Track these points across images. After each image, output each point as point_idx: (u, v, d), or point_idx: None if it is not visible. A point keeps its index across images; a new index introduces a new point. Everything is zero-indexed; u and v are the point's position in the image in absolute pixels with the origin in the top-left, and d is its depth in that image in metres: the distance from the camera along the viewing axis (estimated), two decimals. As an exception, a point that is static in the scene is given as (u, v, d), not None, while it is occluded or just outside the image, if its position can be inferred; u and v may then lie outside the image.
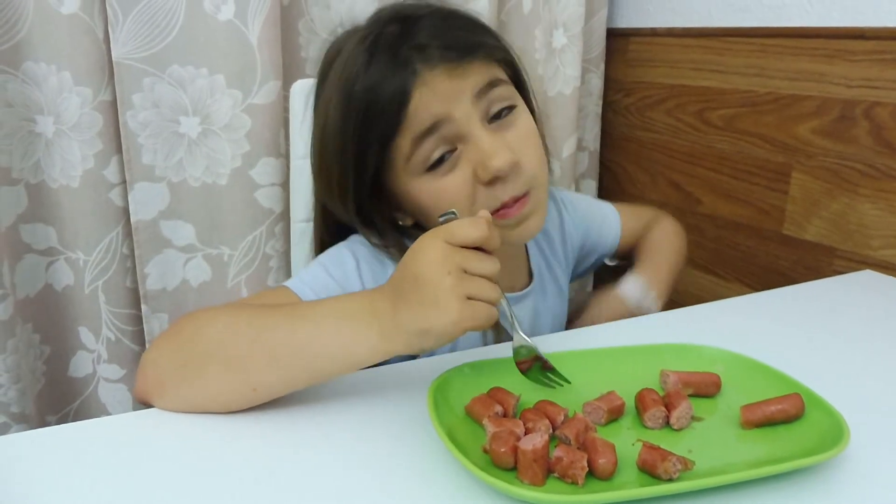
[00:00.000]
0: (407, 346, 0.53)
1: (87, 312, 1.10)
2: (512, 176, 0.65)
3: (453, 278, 0.50)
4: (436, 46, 0.64)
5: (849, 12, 1.03)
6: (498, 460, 0.48)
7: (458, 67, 0.64)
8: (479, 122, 0.65)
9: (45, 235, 1.07)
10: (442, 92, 0.63)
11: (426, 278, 0.50)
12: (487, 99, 0.66)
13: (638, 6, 1.38)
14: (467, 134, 0.65)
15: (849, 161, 1.04)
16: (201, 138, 1.08)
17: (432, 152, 0.65)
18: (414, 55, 0.63)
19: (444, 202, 0.66)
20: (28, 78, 0.99)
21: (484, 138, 0.64)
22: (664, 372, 0.60)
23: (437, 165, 0.66)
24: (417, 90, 0.63)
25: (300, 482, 0.49)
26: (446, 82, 0.63)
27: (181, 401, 0.57)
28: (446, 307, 0.50)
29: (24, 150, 1.02)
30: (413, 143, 0.65)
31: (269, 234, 1.16)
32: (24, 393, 1.05)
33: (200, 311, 0.60)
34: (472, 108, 0.65)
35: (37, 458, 0.51)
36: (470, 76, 0.64)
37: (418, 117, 0.64)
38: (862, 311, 0.83)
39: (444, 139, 0.65)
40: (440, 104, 0.63)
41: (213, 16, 1.04)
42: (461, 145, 0.65)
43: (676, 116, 1.32)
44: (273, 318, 0.57)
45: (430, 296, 0.50)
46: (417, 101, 0.63)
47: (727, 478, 0.46)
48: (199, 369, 0.57)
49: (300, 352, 0.55)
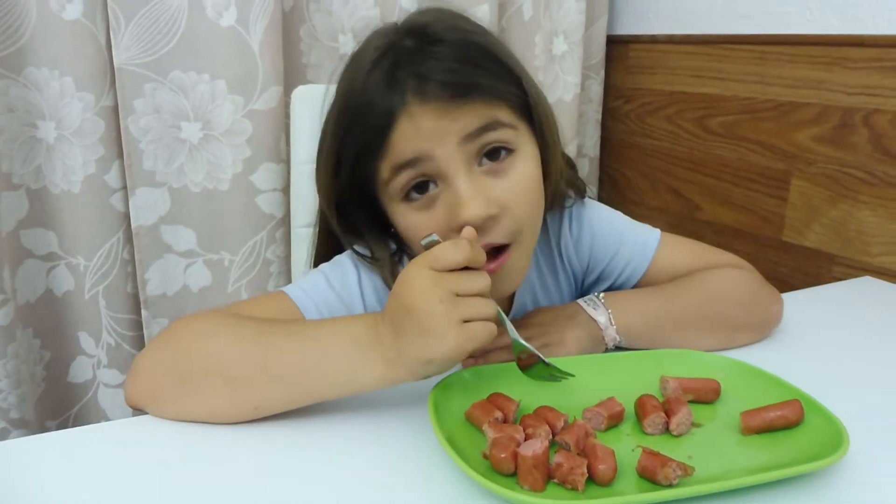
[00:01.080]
0: (412, 375, 0.53)
1: (88, 318, 1.11)
2: (490, 225, 0.61)
3: (445, 305, 0.50)
4: (435, 81, 0.59)
5: (848, 20, 1.03)
6: (498, 466, 0.48)
7: (450, 109, 0.59)
8: (462, 164, 0.60)
9: (45, 241, 1.07)
10: (426, 130, 0.60)
11: (419, 309, 0.50)
12: (478, 142, 0.61)
13: (638, 13, 1.38)
14: (447, 175, 0.60)
15: (848, 168, 1.05)
16: (202, 144, 1.08)
17: (409, 183, 0.62)
18: (410, 82, 0.60)
19: (416, 236, 0.62)
20: (30, 83, 1.00)
21: (461, 184, 0.60)
22: (664, 378, 0.60)
23: (414, 198, 0.62)
24: (403, 122, 0.60)
25: (301, 489, 0.49)
26: (432, 121, 0.59)
27: (176, 412, 0.57)
28: (444, 336, 0.50)
29: (26, 156, 1.03)
30: (392, 172, 0.62)
31: (270, 239, 1.16)
32: (24, 398, 1.05)
33: (197, 320, 0.59)
34: (457, 150, 0.60)
35: (36, 464, 0.51)
36: (460, 119, 0.60)
37: (398, 149, 0.61)
38: (861, 318, 0.83)
39: (423, 174, 0.61)
40: (422, 141, 0.60)
41: (215, 21, 1.04)
42: (442, 183, 0.61)
43: (676, 123, 1.32)
44: (278, 338, 0.56)
45: (426, 326, 0.50)
46: (400, 134, 0.60)
47: (727, 484, 0.46)
48: (198, 385, 0.56)
49: (306, 375, 0.55)
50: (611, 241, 0.77)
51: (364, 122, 0.62)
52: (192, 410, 0.57)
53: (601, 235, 0.77)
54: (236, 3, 1.04)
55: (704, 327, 0.71)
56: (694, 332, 0.70)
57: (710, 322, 0.71)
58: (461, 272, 0.52)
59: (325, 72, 1.20)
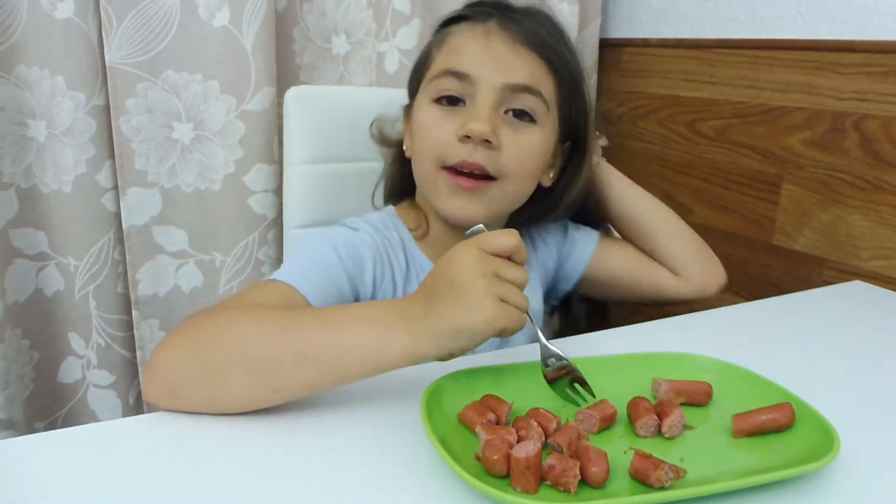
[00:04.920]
0: (436, 349, 0.52)
1: (78, 318, 1.10)
2: (484, 150, 0.70)
3: (487, 280, 0.51)
4: (518, 22, 0.72)
5: (839, 25, 1.04)
6: (491, 468, 0.48)
7: (518, 46, 0.71)
8: (494, 101, 0.70)
9: (35, 240, 1.06)
10: (490, 52, 0.71)
11: (461, 281, 0.52)
12: (514, 98, 0.71)
13: (631, 17, 1.39)
14: (478, 100, 0.71)
15: (839, 172, 1.05)
16: (194, 144, 1.08)
17: (447, 88, 0.72)
18: (495, 12, 0.73)
19: (425, 134, 0.74)
20: (21, 82, 0.99)
21: (483, 109, 0.70)
22: (656, 381, 0.60)
23: (443, 102, 0.73)
24: (477, 33, 0.72)
25: (292, 489, 0.48)
26: (498, 46, 0.71)
27: (196, 402, 0.56)
28: (481, 306, 0.51)
29: (16, 155, 1.02)
30: (441, 73, 0.73)
31: (262, 240, 1.15)
32: (13, 399, 1.04)
33: (216, 310, 0.59)
34: (497, 89, 0.70)
35: (24, 466, 0.51)
36: (519, 63, 0.71)
37: (458, 56, 0.72)
38: (851, 321, 0.83)
39: (461, 88, 0.72)
40: (478, 63, 0.71)
41: (208, 22, 1.04)
42: (469, 103, 0.72)
43: (668, 127, 1.32)
44: (299, 320, 0.56)
45: (465, 295, 0.51)
46: (468, 43, 0.72)
47: (718, 486, 0.46)
48: (220, 371, 0.55)
49: (328, 353, 0.54)
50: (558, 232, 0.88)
51: (452, 19, 0.77)
52: (212, 398, 0.56)
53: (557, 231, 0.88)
54: (229, 3, 1.03)
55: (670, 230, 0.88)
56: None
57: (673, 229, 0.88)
58: (506, 260, 0.54)
59: (318, 73, 1.19)
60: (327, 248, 0.71)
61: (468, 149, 0.70)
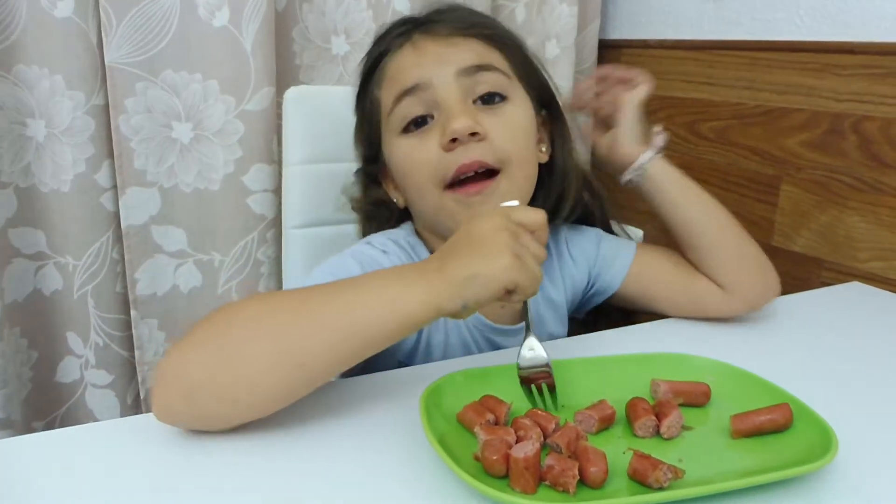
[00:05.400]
0: (451, 297, 0.51)
1: (76, 317, 1.10)
2: (476, 145, 0.67)
3: (508, 234, 0.53)
4: (438, 22, 0.71)
5: (838, 27, 1.04)
6: (490, 468, 0.48)
7: (451, 38, 0.69)
8: (457, 94, 0.68)
9: (34, 240, 1.06)
10: (428, 55, 0.69)
11: (482, 235, 0.53)
12: (474, 79, 0.68)
13: (630, 18, 1.39)
14: (443, 101, 0.67)
15: (837, 174, 1.06)
16: (194, 144, 1.08)
17: (409, 112, 0.69)
18: (417, 27, 0.71)
19: (411, 165, 0.70)
20: (20, 81, 0.99)
21: (453, 104, 0.67)
22: (655, 381, 0.61)
23: (411, 130, 0.69)
24: (406, 50, 0.70)
25: (292, 489, 0.48)
26: (432, 47, 0.69)
27: (214, 402, 0.51)
28: (499, 254, 0.52)
29: (15, 154, 1.02)
30: (394, 101, 0.69)
31: (261, 240, 1.15)
32: (11, 398, 1.04)
33: (228, 304, 0.55)
34: (454, 81, 0.68)
35: (22, 465, 0.50)
36: (460, 49, 0.69)
37: (400, 77, 0.69)
38: (849, 322, 0.83)
39: (421, 102, 0.68)
40: (423, 68, 0.68)
41: (208, 21, 1.04)
42: (437, 113, 0.68)
43: (667, 128, 1.32)
44: (314, 289, 0.55)
45: (485, 247, 0.52)
46: (403, 60, 0.70)
47: (717, 487, 0.46)
48: (236, 351, 0.51)
49: (348, 315, 0.52)
50: (590, 249, 0.82)
51: (374, 59, 0.73)
52: (231, 389, 0.51)
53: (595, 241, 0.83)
54: (229, 3, 1.03)
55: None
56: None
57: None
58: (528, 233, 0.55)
59: (317, 73, 1.19)
60: (352, 265, 0.69)
61: (460, 152, 0.66)
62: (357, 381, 0.63)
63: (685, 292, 0.80)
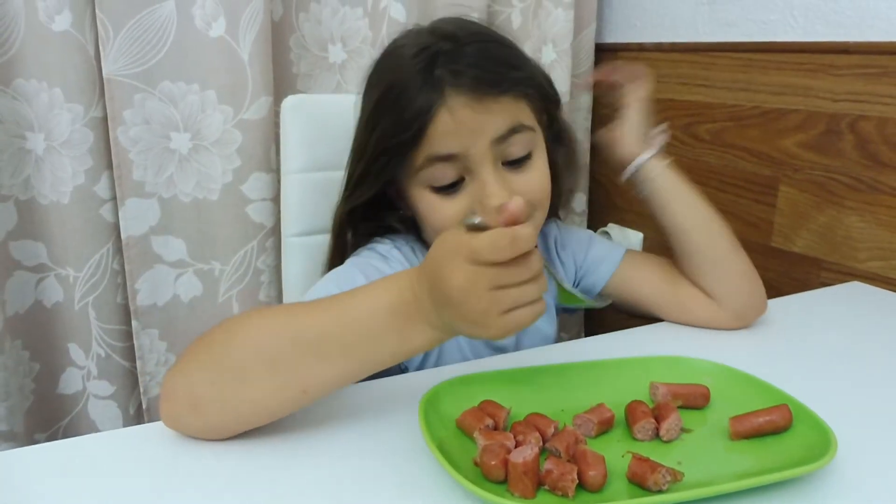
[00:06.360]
0: (454, 334, 0.52)
1: (77, 329, 1.10)
2: None
3: (486, 302, 0.47)
4: (469, 75, 0.66)
5: (833, 27, 1.04)
6: (489, 473, 0.48)
7: (484, 101, 0.66)
8: (491, 163, 0.67)
9: (35, 252, 1.06)
10: (464, 124, 0.66)
11: (458, 302, 0.48)
12: (507, 144, 0.68)
13: (626, 21, 1.39)
14: (477, 171, 0.67)
15: (835, 174, 1.06)
16: (192, 154, 1.08)
17: (442, 177, 0.68)
18: (446, 77, 0.66)
19: (436, 221, 0.69)
20: (19, 94, 1.00)
21: (490, 180, 0.67)
22: (653, 384, 0.61)
23: (441, 188, 0.69)
24: (442, 115, 0.66)
25: (292, 497, 0.49)
26: (469, 115, 0.66)
27: (221, 412, 0.53)
28: (485, 326, 0.48)
29: (15, 167, 1.02)
30: (426, 162, 0.68)
31: (261, 248, 1.16)
32: (13, 410, 1.04)
33: (228, 320, 0.56)
34: (488, 151, 0.67)
35: (25, 477, 0.51)
36: (494, 116, 0.67)
37: (437, 142, 0.67)
38: (849, 323, 0.83)
39: (455, 169, 0.68)
40: (460, 139, 0.66)
41: (205, 32, 1.04)
42: (468, 177, 0.68)
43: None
44: (314, 315, 0.53)
45: (468, 318, 0.48)
46: (440, 126, 0.66)
47: (716, 489, 0.46)
48: (239, 374, 0.52)
49: (353, 351, 0.52)
50: (587, 249, 0.85)
51: (403, 113, 0.67)
52: (238, 406, 0.53)
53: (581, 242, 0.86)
54: (225, 13, 1.04)
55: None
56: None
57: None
58: (505, 264, 0.47)
59: (314, 81, 1.20)
60: (356, 275, 0.69)
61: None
62: (356, 388, 0.63)
63: (673, 299, 0.81)
